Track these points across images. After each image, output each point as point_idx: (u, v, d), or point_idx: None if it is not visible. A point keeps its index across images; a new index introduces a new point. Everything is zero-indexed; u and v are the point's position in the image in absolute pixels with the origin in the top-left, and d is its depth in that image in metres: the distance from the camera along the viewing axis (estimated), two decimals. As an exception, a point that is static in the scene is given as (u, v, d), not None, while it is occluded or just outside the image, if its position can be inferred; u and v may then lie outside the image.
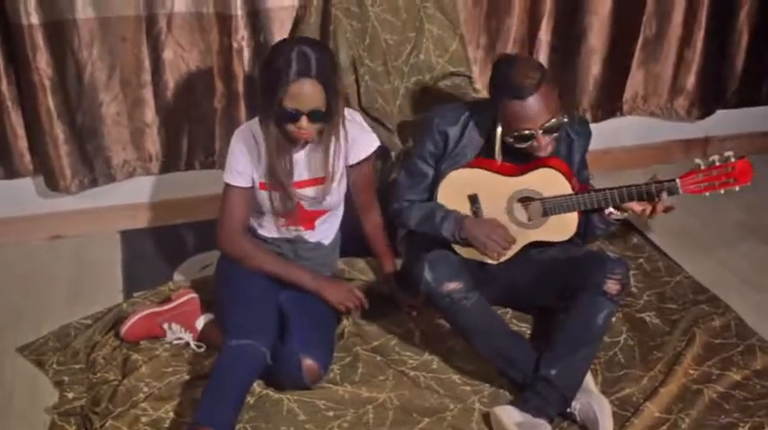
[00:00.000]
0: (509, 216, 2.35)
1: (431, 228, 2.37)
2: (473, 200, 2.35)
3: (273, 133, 2.21)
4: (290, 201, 2.31)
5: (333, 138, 2.27)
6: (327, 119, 2.20)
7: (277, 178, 2.27)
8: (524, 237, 2.35)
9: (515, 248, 2.36)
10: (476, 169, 2.33)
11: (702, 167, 2.22)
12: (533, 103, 2.13)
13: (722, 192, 2.23)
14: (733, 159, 2.20)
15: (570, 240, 2.38)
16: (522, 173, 2.30)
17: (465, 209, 2.37)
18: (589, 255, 2.37)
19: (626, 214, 2.28)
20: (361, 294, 2.38)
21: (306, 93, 2.12)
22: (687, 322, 2.56)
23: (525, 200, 2.31)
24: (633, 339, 2.51)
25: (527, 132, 2.17)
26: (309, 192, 2.34)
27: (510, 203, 2.33)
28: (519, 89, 2.13)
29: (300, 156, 2.32)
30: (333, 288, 2.36)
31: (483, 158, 2.36)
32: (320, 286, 2.34)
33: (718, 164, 2.20)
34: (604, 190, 2.26)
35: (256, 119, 2.30)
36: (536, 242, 2.37)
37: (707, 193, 2.24)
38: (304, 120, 2.15)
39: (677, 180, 2.22)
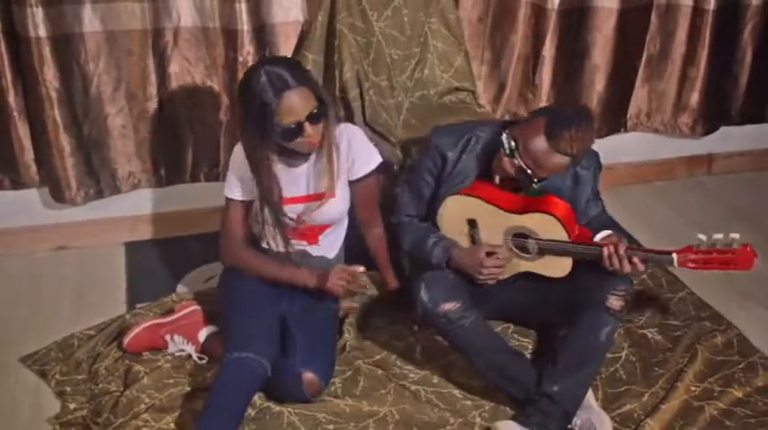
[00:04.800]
0: (506, 244, 2.32)
1: (422, 253, 2.37)
2: (472, 224, 2.34)
3: (273, 159, 2.25)
4: (282, 221, 2.32)
5: (332, 147, 2.30)
6: (325, 112, 2.22)
7: (269, 201, 2.29)
8: (519, 266, 2.33)
9: (510, 272, 2.35)
10: (475, 198, 2.30)
11: (702, 247, 2.13)
12: (558, 160, 2.12)
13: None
14: (736, 245, 2.10)
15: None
16: (523, 211, 2.26)
17: (464, 231, 2.36)
18: (592, 270, 2.37)
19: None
20: (351, 269, 2.33)
21: (296, 102, 2.15)
22: (689, 339, 2.56)
23: (521, 235, 2.30)
24: (635, 355, 2.50)
25: (530, 172, 2.15)
26: (313, 206, 2.34)
27: (507, 235, 2.31)
28: (561, 144, 2.08)
29: (302, 170, 2.33)
30: (327, 277, 2.33)
31: (483, 182, 2.34)
32: (319, 281, 2.34)
33: (719, 247, 2.11)
34: (600, 245, 2.19)
35: None
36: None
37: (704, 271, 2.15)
38: (308, 127, 2.18)
39: (674, 255, 2.16)
